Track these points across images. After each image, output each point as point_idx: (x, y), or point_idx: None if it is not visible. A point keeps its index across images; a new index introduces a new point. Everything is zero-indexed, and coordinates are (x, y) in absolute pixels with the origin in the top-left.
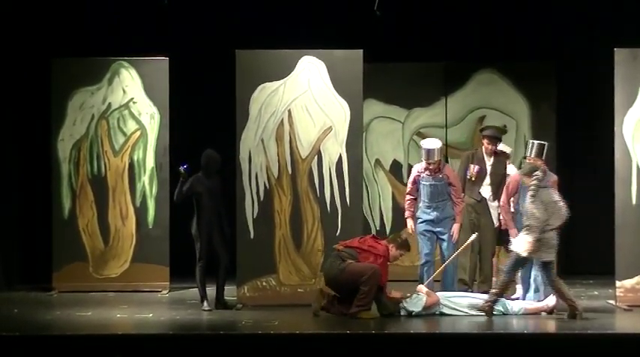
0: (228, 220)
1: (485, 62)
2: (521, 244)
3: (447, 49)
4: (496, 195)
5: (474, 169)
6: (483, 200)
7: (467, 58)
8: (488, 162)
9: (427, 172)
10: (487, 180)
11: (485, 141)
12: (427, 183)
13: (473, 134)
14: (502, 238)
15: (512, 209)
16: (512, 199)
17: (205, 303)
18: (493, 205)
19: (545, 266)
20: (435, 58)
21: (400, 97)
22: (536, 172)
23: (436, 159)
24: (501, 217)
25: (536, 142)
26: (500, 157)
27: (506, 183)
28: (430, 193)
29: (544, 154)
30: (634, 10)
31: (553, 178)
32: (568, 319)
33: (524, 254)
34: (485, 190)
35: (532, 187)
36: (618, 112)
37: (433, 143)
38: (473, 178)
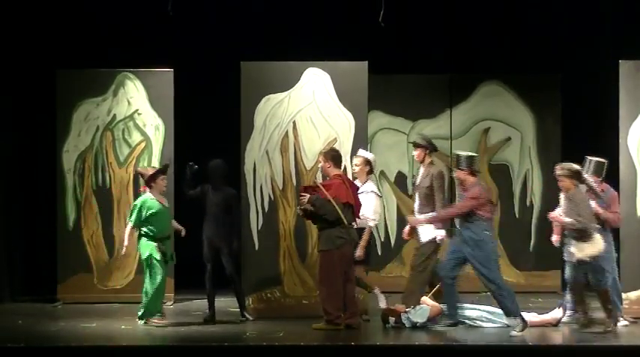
0: (238, 234)
1: (491, 74)
2: (588, 249)
3: (452, 61)
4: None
5: None
6: None
7: (472, 70)
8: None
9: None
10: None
11: None
12: None
13: (478, 146)
14: None
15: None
16: None
17: (208, 311)
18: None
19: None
20: (440, 70)
21: (405, 109)
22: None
23: None
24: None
25: (594, 159)
26: (430, 168)
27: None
28: None
29: (603, 172)
30: (639, 23)
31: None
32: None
33: (588, 259)
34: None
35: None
36: (623, 124)
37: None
38: None
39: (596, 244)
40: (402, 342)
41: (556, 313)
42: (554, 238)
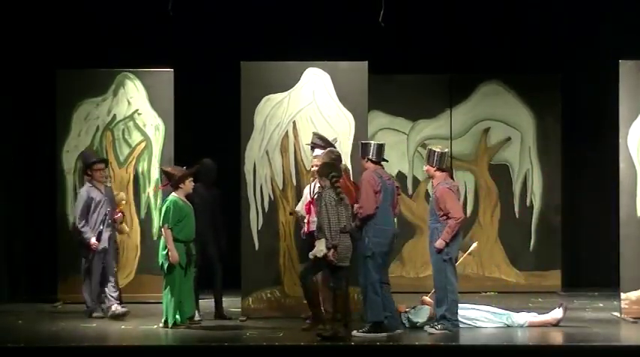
0: (225, 234)
1: (491, 74)
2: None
3: (452, 61)
4: None
5: None
6: None
7: (472, 70)
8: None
9: None
10: None
11: None
12: None
13: (478, 146)
14: None
15: None
16: None
17: (196, 313)
18: None
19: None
20: (440, 70)
21: (405, 109)
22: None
23: None
24: None
25: (437, 150)
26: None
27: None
28: None
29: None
30: (639, 23)
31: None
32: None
33: (311, 256)
34: None
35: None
36: (623, 124)
37: None
38: None
39: (318, 247)
40: (402, 342)
41: (556, 313)
42: None
